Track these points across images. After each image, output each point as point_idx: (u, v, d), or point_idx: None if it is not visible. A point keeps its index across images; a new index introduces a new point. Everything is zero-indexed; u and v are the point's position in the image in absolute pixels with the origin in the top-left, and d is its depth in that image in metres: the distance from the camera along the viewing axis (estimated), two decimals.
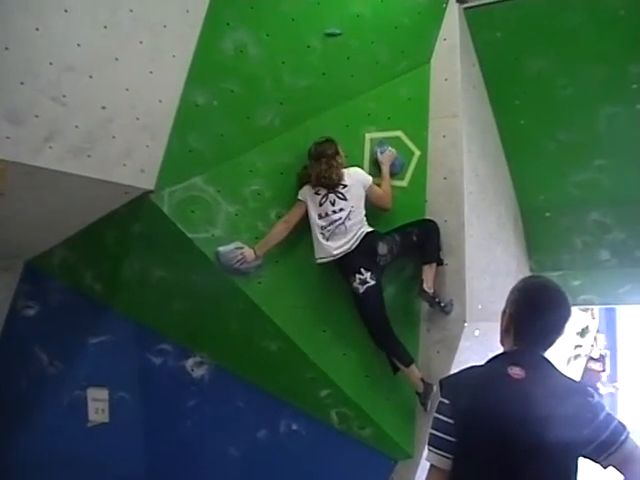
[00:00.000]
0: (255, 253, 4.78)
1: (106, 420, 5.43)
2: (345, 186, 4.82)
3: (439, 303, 4.91)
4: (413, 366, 4.90)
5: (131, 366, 5.39)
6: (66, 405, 5.46)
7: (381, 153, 5.08)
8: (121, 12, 4.11)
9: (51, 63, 3.82)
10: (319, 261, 4.87)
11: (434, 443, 2.43)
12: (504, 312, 2.59)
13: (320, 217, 4.82)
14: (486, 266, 5.34)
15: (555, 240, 6.14)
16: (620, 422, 2.35)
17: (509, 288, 2.64)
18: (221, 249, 4.76)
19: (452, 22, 5.15)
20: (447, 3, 5.15)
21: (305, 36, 4.90)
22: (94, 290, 5.31)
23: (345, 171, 4.87)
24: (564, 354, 9.38)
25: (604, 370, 10.90)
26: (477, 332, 5.11)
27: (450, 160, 5.08)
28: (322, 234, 4.81)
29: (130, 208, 4.77)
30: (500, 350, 2.61)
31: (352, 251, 4.78)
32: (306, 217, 4.88)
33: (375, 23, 5.06)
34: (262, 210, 4.93)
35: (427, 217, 5.09)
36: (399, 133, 5.16)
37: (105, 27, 4.02)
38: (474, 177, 5.20)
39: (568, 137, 5.55)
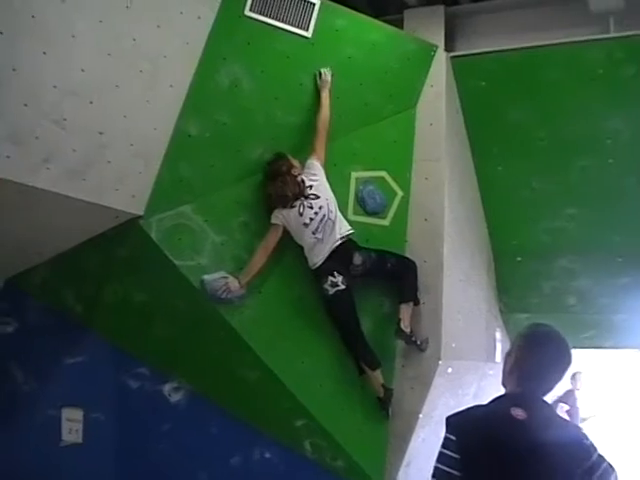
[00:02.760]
0: (239, 283, 4.80)
1: (79, 441, 5.40)
2: (311, 187, 4.94)
3: (415, 341, 5.04)
4: (378, 371, 5.04)
5: (107, 388, 5.35)
6: (39, 424, 5.43)
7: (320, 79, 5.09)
8: (125, 41, 4.21)
9: (55, 86, 3.90)
10: (317, 265, 4.93)
11: (438, 476, 2.54)
12: (509, 355, 2.74)
13: (306, 225, 4.89)
14: (460, 306, 5.49)
15: (524, 284, 6.35)
16: (610, 464, 2.49)
17: (480, 328, 2.80)
18: (206, 277, 4.77)
19: (439, 69, 5.39)
20: (435, 51, 5.38)
21: (298, 74, 5.03)
22: (74, 311, 5.29)
23: (304, 174, 4.97)
24: None
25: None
26: (450, 370, 5.25)
27: (432, 202, 5.27)
28: (316, 238, 4.89)
29: (117, 232, 4.78)
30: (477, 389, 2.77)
31: (329, 257, 4.91)
32: (282, 240, 4.95)
33: (365, 66, 5.24)
34: (248, 241, 4.97)
35: (407, 256, 5.23)
36: (384, 173, 5.32)
37: (109, 54, 4.12)
38: (453, 220, 5.37)
39: (542, 186, 5.79)
